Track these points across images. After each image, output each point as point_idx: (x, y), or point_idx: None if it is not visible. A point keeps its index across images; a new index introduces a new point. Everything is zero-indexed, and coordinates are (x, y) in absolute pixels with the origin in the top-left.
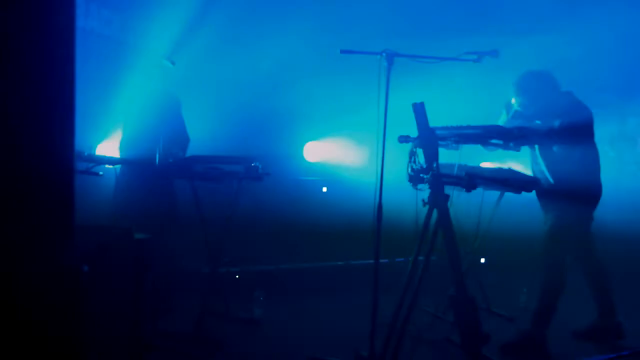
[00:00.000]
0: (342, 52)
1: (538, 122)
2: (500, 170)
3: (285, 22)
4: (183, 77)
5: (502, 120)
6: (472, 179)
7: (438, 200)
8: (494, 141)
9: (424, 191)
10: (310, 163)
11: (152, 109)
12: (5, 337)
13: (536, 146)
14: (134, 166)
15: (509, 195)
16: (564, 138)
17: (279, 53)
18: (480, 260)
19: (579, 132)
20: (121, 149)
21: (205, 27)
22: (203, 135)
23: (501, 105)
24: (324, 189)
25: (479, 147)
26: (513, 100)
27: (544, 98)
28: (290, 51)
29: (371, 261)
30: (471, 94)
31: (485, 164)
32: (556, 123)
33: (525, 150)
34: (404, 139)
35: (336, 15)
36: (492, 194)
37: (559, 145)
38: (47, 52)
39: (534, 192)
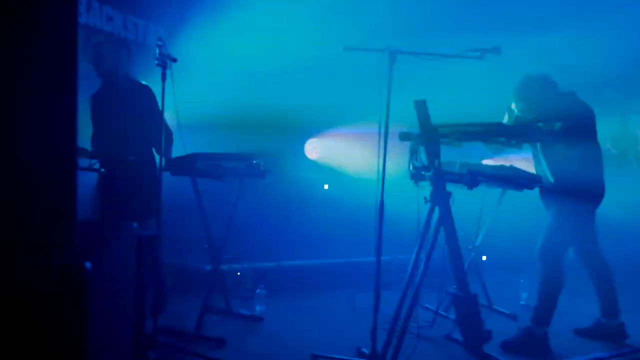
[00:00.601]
0: (345, 49)
1: (540, 124)
2: (502, 167)
3: (287, 19)
4: (184, 74)
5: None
6: (475, 176)
7: (440, 197)
8: (496, 138)
9: (426, 189)
10: (311, 160)
11: (128, 102)
12: (8, 334)
13: (538, 145)
14: (137, 164)
15: (510, 192)
16: (566, 138)
17: (281, 50)
18: (482, 258)
19: (580, 132)
20: (94, 144)
21: (206, 24)
22: (205, 131)
23: (503, 102)
24: (326, 187)
25: (480, 144)
26: (513, 106)
27: (544, 101)
28: (292, 48)
29: (373, 258)
30: (474, 91)
31: (487, 161)
32: (557, 125)
33: (528, 149)
34: (405, 136)
35: (339, 13)
36: (494, 192)
37: (561, 145)
38: (51, 58)
39: (536, 189)
